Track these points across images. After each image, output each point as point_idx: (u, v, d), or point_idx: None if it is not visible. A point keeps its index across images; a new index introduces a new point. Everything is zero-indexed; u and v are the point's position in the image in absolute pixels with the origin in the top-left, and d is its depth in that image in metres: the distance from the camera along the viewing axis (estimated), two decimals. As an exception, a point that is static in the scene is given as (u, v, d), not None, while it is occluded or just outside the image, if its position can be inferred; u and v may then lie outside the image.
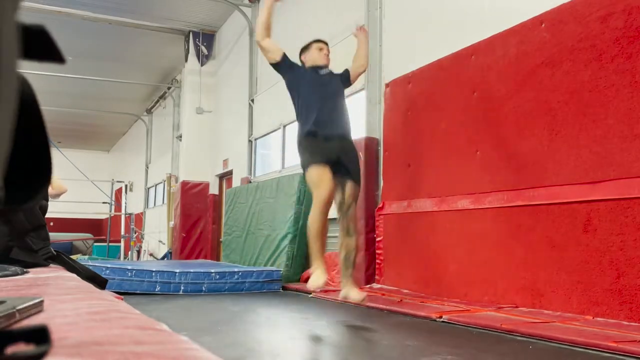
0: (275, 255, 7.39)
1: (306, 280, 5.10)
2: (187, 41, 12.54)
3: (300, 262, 7.04)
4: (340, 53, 7.38)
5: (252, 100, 10.29)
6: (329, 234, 7.41)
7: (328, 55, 4.62)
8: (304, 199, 7.46)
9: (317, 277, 3.98)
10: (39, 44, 0.45)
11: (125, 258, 15.89)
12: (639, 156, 3.42)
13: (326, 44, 4.67)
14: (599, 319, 3.50)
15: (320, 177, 4.02)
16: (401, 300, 4.72)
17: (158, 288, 6.00)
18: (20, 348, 0.47)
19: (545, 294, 3.95)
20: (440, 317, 3.82)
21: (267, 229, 7.91)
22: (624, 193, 3.46)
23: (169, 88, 15.45)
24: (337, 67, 7.57)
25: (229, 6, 10.74)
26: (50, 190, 3.77)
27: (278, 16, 9.60)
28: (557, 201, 3.91)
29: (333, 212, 7.12)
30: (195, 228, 11.60)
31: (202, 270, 6.23)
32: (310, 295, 4.86)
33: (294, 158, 8.68)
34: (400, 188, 5.68)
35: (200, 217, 11.69)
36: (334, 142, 4.25)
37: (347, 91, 7.12)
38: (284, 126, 9.00)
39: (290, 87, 4.59)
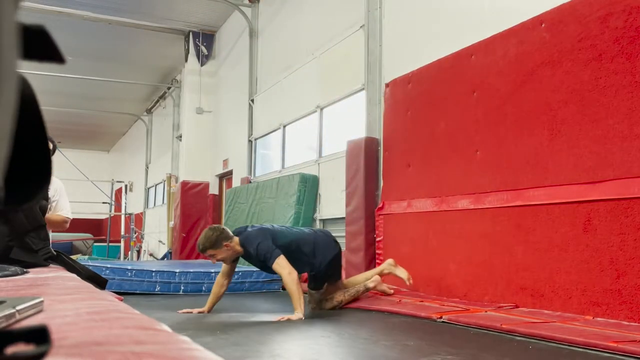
0: (275, 255, 7.38)
1: (305, 280, 5.12)
2: (187, 41, 12.54)
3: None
4: (340, 53, 7.39)
5: (252, 100, 10.29)
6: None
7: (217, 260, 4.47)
8: (304, 199, 7.47)
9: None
10: (39, 44, 0.45)
11: (125, 258, 15.89)
12: (639, 156, 3.42)
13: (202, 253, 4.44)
14: (599, 319, 3.50)
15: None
16: (400, 301, 4.72)
17: (158, 288, 6.00)
18: (20, 348, 0.47)
19: (545, 294, 3.95)
20: (440, 317, 3.82)
21: (267, 229, 7.91)
22: (624, 193, 3.46)
23: (169, 88, 15.45)
24: (336, 69, 7.60)
25: (229, 6, 10.74)
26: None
27: (278, 15, 9.62)
28: (557, 201, 3.92)
29: (333, 212, 7.11)
30: (195, 228, 11.59)
31: (202, 270, 6.23)
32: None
33: (294, 158, 8.70)
34: (400, 188, 5.68)
35: (200, 217, 11.69)
36: None
37: (347, 91, 7.16)
38: (284, 126, 9.01)
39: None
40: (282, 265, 4.25)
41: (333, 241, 4.84)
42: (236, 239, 4.39)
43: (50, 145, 3.41)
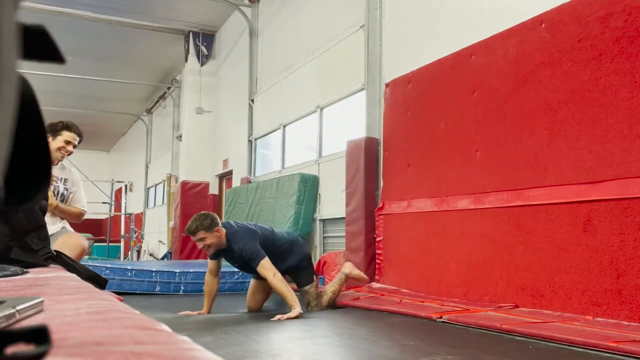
0: (275, 255, 7.38)
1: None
2: (187, 41, 12.54)
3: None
4: (340, 53, 7.39)
5: (252, 100, 10.29)
6: (328, 234, 7.42)
7: (206, 247, 4.35)
8: (304, 199, 7.47)
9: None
10: (39, 44, 0.45)
11: (125, 258, 15.89)
12: (639, 156, 3.42)
13: (193, 235, 4.33)
14: (599, 319, 3.50)
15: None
16: (401, 301, 4.72)
17: (158, 288, 6.00)
18: (20, 348, 0.47)
19: (545, 294, 3.95)
20: (440, 317, 3.82)
21: (267, 229, 7.90)
22: (624, 193, 3.46)
23: (169, 88, 15.45)
24: (336, 69, 7.59)
25: (229, 6, 10.74)
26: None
27: (278, 15, 9.62)
28: (557, 201, 3.91)
29: (333, 212, 7.11)
30: (195, 228, 11.57)
31: (202, 271, 6.23)
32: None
33: (293, 158, 8.70)
34: (400, 188, 5.68)
35: (200, 217, 11.67)
36: None
37: (347, 91, 7.16)
38: (284, 126, 9.01)
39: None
40: (266, 267, 4.28)
41: (303, 239, 5.15)
42: (224, 230, 4.39)
43: (77, 140, 3.40)
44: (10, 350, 0.46)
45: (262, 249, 4.35)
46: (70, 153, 3.80)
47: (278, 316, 4.02)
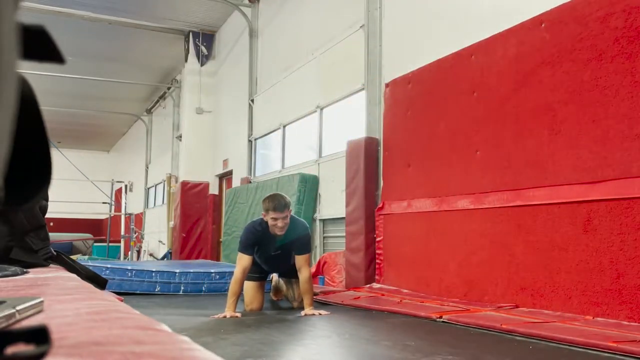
0: (275, 255, 7.38)
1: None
2: (187, 41, 12.54)
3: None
4: (340, 53, 7.39)
5: (252, 100, 10.29)
6: (328, 234, 7.41)
7: (283, 225, 4.24)
8: (304, 199, 7.47)
9: None
10: (39, 44, 0.45)
11: (125, 258, 15.89)
12: (639, 156, 3.42)
13: (282, 211, 4.19)
14: (599, 319, 3.50)
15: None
16: (401, 301, 4.72)
17: (158, 288, 6.00)
18: (20, 348, 0.47)
19: (545, 294, 3.95)
20: (440, 317, 3.82)
21: (267, 229, 7.90)
22: (624, 193, 3.46)
23: (168, 88, 15.45)
24: (336, 69, 7.58)
25: (228, 6, 10.74)
26: None
27: (278, 15, 9.62)
28: (557, 201, 3.92)
29: (333, 212, 7.11)
30: (195, 228, 11.59)
31: (202, 270, 6.23)
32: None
33: (293, 158, 8.70)
34: (400, 188, 5.68)
35: (200, 217, 11.69)
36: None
37: (347, 91, 7.16)
38: (284, 126, 9.01)
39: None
40: (308, 261, 4.38)
41: None
42: None
43: None
44: (10, 350, 0.46)
45: None
46: None
47: (313, 311, 4.16)
